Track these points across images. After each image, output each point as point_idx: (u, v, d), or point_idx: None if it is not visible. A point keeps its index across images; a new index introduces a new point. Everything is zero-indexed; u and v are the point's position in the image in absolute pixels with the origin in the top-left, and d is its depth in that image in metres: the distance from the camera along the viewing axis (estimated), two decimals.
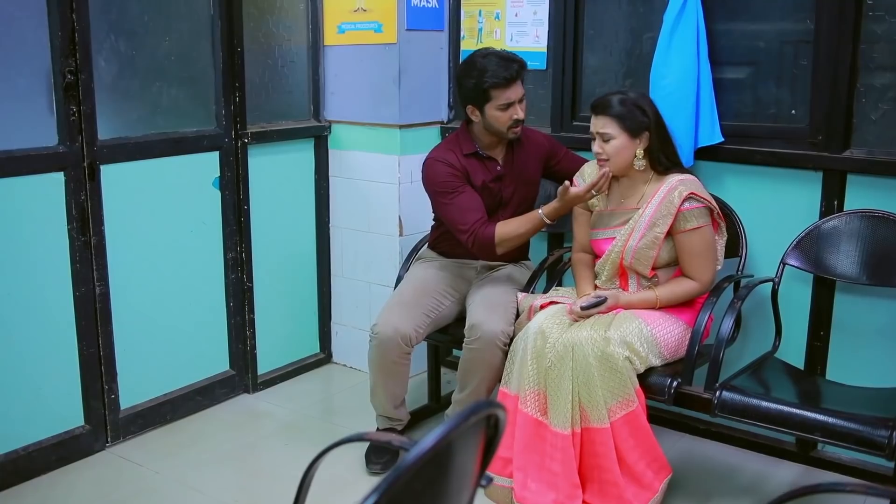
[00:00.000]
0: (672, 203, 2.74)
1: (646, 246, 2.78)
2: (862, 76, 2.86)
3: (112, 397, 3.26)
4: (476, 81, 2.95)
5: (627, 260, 2.81)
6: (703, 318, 2.72)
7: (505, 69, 2.94)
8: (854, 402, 2.65)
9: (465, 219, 2.96)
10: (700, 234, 2.77)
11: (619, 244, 2.83)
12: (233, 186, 3.58)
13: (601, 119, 2.79)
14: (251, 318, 3.72)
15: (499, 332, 2.88)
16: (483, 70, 2.94)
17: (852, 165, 2.88)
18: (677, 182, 2.77)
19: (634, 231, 2.80)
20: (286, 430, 3.47)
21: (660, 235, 2.76)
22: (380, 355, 2.98)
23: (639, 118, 2.77)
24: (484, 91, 2.94)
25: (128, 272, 3.25)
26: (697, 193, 2.75)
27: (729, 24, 3.10)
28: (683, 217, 2.75)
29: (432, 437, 1.19)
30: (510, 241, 2.96)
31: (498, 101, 2.95)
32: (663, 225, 2.75)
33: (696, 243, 2.77)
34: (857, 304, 2.95)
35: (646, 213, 2.78)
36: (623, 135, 2.76)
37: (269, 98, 3.73)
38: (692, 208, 2.75)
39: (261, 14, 3.62)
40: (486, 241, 2.94)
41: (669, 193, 2.75)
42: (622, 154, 2.78)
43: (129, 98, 3.24)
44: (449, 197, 3.01)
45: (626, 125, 2.76)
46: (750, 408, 2.54)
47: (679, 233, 2.77)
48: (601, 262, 2.91)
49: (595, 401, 2.63)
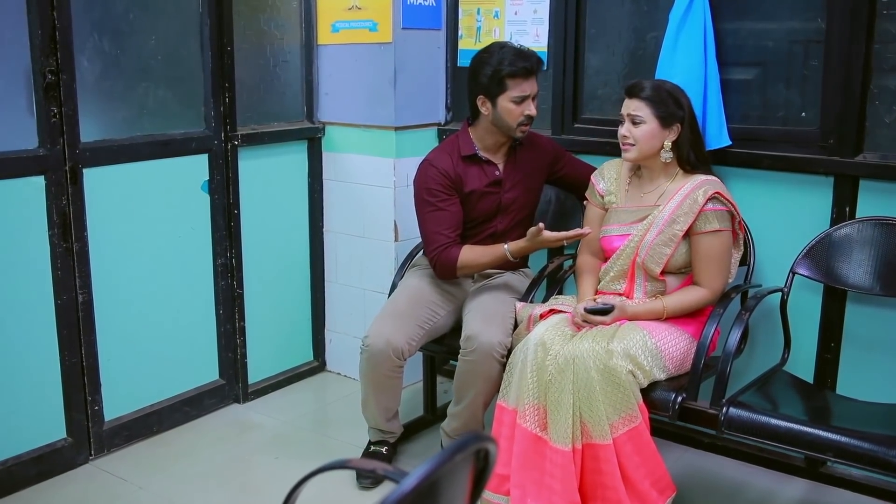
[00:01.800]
0: (696, 201, 2.64)
1: (662, 243, 2.68)
2: (875, 77, 2.75)
3: (95, 409, 3.15)
4: (494, 69, 2.87)
5: (641, 256, 2.71)
6: (710, 330, 2.61)
7: (524, 60, 2.88)
8: (866, 420, 2.54)
9: (436, 237, 2.95)
10: (719, 238, 2.67)
11: (636, 239, 2.73)
12: (222, 190, 3.47)
13: (634, 101, 2.70)
14: (242, 325, 3.62)
15: (496, 343, 2.77)
16: (501, 59, 2.88)
17: (865, 170, 2.77)
18: (703, 181, 2.69)
19: (652, 227, 2.70)
20: (277, 443, 3.36)
21: (678, 233, 2.66)
22: (371, 368, 2.87)
23: (672, 108, 2.69)
24: (501, 80, 2.87)
25: (112, 279, 3.15)
26: (723, 195, 2.66)
27: (737, 23, 3.00)
28: (705, 217, 2.65)
29: (416, 475, 1.11)
30: (471, 268, 2.98)
31: (513, 92, 2.87)
32: (683, 223, 2.66)
33: (714, 247, 2.67)
34: (869, 315, 2.84)
35: (666, 209, 2.69)
36: (654, 121, 2.68)
37: (261, 99, 3.62)
38: (715, 209, 2.65)
39: (252, 12, 3.51)
40: (448, 263, 2.94)
41: (694, 191, 2.66)
42: (649, 141, 2.69)
43: (113, 99, 3.13)
44: (429, 208, 2.96)
45: (659, 112, 2.68)
46: (758, 425, 2.43)
47: (698, 234, 2.67)
48: (611, 260, 2.81)
49: (597, 416, 2.51)
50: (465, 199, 3.00)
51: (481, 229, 3.05)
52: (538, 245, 2.88)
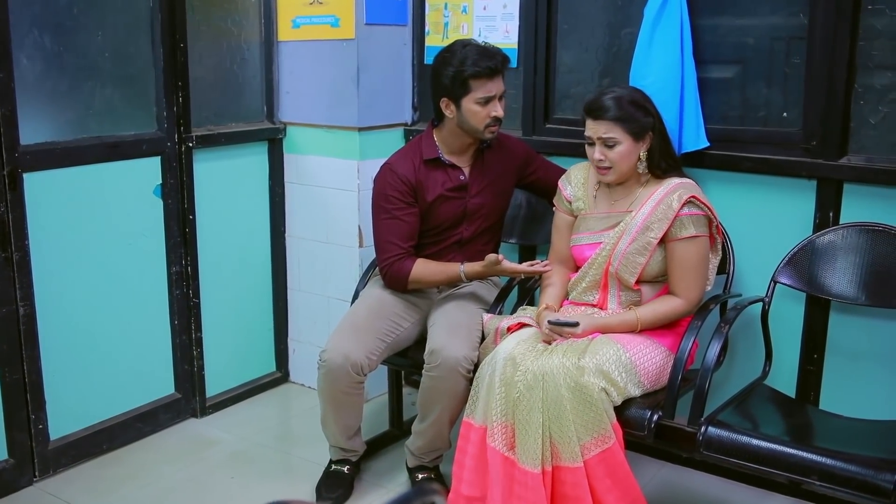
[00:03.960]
0: (670, 206, 2.50)
1: (636, 251, 2.54)
2: (860, 76, 2.63)
3: (40, 427, 2.97)
4: (456, 70, 2.71)
5: (614, 266, 2.56)
6: (687, 343, 2.46)
7: (488, 59, 2.72)
8: (852, 438, 2.41)
9: (388, 246, 2.84)
10: (696, 244, 2.53)
11: (608, 248, 2.58)
12: (176, 195, 3.30)
13: (603, 124, 2.53)
14: (198, 336, 3.45)
15: (461, 357, 2.62)
16: (464, 59, 2.71)
17: (849, 174, 2.65)
18: (677, 184, 2.54)
19: (625, 234, 2.56)
20: (235, 461, 3.19)
21: (653, 241, 2.52)
22: (329, 385, 2.71)
23: (642, 119, 2.54)
24: (464, 81, 2.71)
25: (57, 290, 2.97)
26: (699, 199, 2.52)
27: (715, 18, 2.87)
28: (681, 223, 2.51)
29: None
30: (423, 284, 2.87)
31: (478, 93, 2.72)
32: (658, 229, 2.51)
33: (691, 254, 2.53)
34: (854, 326, 2.72)
35: (639, 216, 2.54)
36: (628, 139, 2.53)
37: (219, 98, 3.45)
38: (691, 214, 2.51)
39: (207, 6, 3.34)
40: (399, 276, 2.83)
41: (668, 196, 2.52)
42: (627, 160, 2.55)
43: (56, 99, 2.95)
44: (384, 215, 2.84)
45: (631, 129, 2.53)
46: (738, 446, 2.29)
47: (673, 240, 2.52)
48: (582, 270, 2.66)
49: (567, 437, 2.36)
50: (428, 206, 2.84)
51: (446, 236, 2.90)
52: (494, 273, 2.77)
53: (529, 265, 2.71)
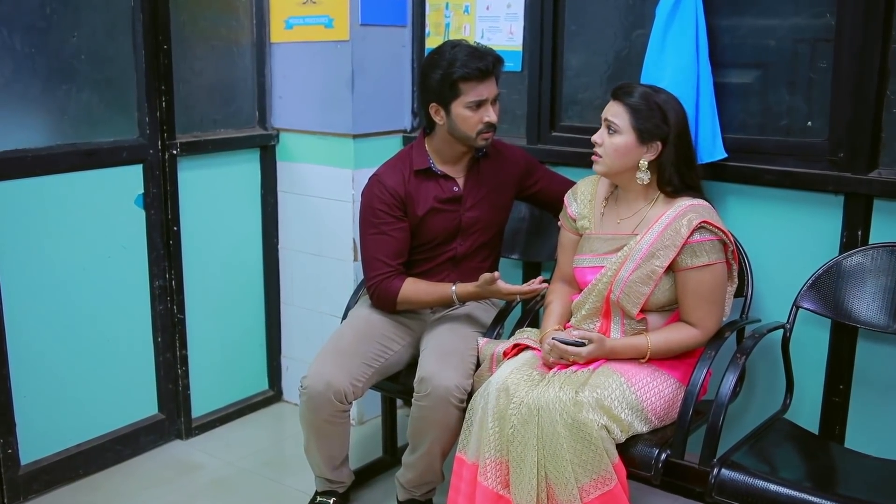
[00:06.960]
0: (678, 232, 2.29)
1: (639, 280, 2.33)
2: (893, 82, 2.46)
3: (9, 452, 2.82)
4: (444, 73, 2.55)
5: (615, 294, 2.35)
6: (700, 375, 2.25)
7: (479, 60, 2.55)
8: (882, 484, 2.20)
9: (376, 264, 2.68)
10: (711, 272, 2.31)
11: (609, 274, 2.37)
12: (159, 205, 3.14)
13: (616, 105, 2.36)
14: (183, 354, 3.29)
15: (452, 387, 2.42)
16: (452, 60, 2.55)
17: (880, 189, 2.47)
18: (688, 207, 2.33)
19: (628, 261, 2.35)
20: (217, 488, 3.02)
21: (658, 270, 2.31)
22: (310, 413, 2.53)
23: (656, 122, 2.33)
24: (453, 83, 2.54)
25: (27, 307, 2.82)
26: (711, 223, 2.30)
27: (733, 18, 2.72)
28: (691, 250, 2.29)
29: None
30: (412, 305, 2.70)
31: (468, 97, 2.55)
32: (664, 258, 2.30)
33: (705, 283, 2.32)
34: (883, 356, 2.53)
35: (644, 241, 2.33)
36: (631, 134, 2.33)
37: (207, 103, 3.30)
38: (703, 241, 2.29)
39: (193, 5, 3.18)
40: (387, 296, 2.68)
41: (676, 220, 2.31)
42: (621, 157, 2.35)
43: (27, 104, 2.80)
44: (372, 230, 2.67)
45: (639, 124, 2.33)
46: (754, 491, 2.09)
47: (684, 269, 2.31)
48: (583, 294, 2.46)
49: (564, 478, 2.16)
50: (419, 220, 2.66)
51: (439, 252, 2.72)
52: (489, 294, 2.58)
53: (528, 286, 2.51)
